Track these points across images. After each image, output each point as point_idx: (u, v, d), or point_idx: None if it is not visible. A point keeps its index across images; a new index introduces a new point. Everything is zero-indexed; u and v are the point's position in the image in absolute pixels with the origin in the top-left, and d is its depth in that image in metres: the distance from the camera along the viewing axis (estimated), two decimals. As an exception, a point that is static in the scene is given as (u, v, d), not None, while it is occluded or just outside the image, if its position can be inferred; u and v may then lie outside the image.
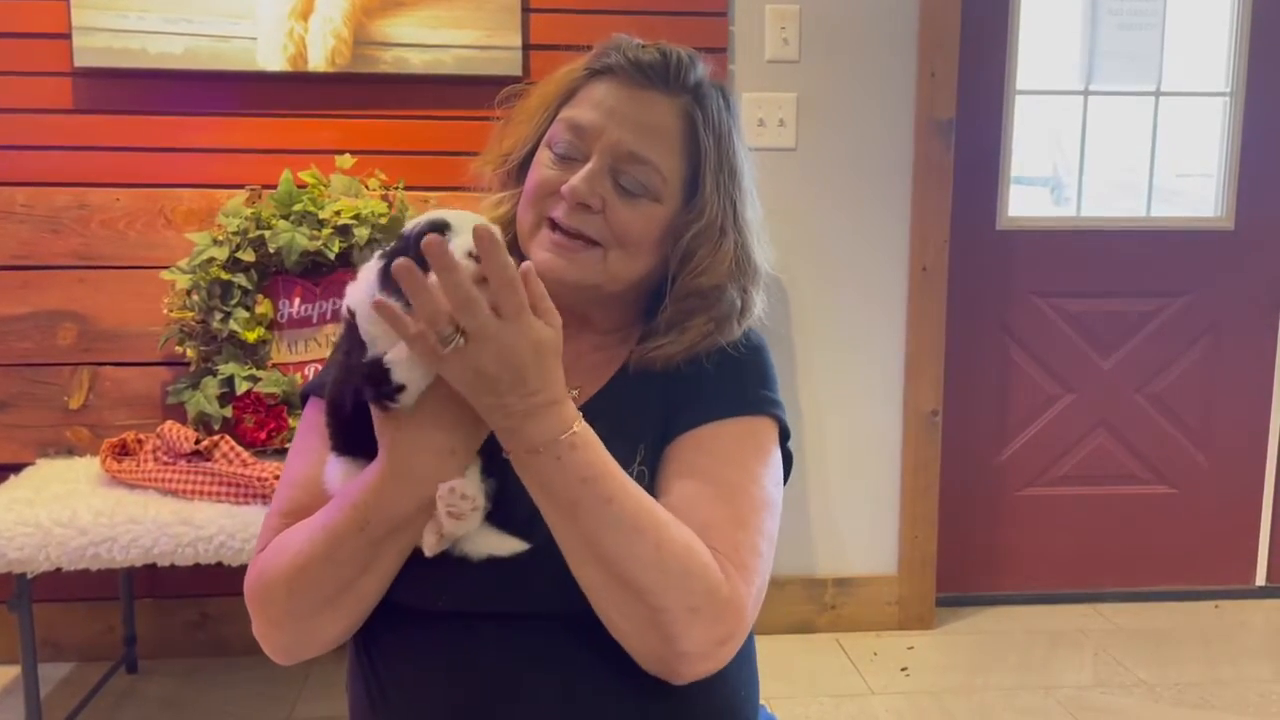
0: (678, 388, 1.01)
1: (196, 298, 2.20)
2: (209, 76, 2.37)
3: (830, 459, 2.71)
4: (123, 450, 2.14)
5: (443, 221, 0.85)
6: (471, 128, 2.33)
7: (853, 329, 2.67)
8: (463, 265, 0.80)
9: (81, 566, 1.89)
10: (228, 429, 2.18)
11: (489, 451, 0.90)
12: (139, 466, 2.07)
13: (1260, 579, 3.01)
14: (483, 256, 0.81)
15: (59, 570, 1.90)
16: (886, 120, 2.61)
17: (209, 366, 2.23)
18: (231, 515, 1.93)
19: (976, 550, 2.93)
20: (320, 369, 1.36)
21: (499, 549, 0.91)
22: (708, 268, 1.01)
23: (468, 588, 0.92)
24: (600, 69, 1.04)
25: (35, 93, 2.36)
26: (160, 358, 2.35)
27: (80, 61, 2.33)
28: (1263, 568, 3.01)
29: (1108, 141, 2.92)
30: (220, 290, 2.20)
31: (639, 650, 0.89)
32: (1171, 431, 2.95)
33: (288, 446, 1.88)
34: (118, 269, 2.37)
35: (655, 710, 0.94)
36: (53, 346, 2.38)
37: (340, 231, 2.22)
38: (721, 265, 1.02)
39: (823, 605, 2.74)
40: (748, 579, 0.91)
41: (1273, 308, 2.93)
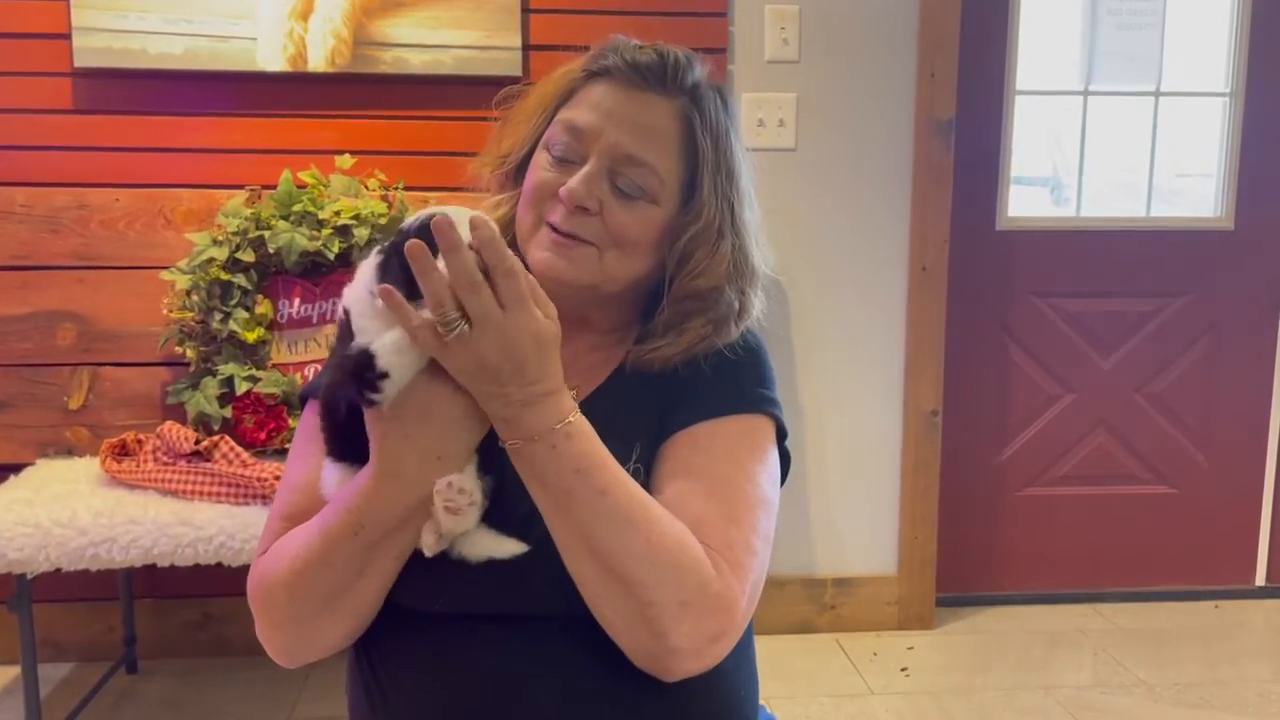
0: (674, 387, 1.00)
1: (196, 298, 2.20)
2: (209, 77, 2.37)
3: (830, 459, 2.71)
4: (122, 451, 2.14)
5: (442, 215, 0.85)
6: (471, 128, 2.31)
7: (852, 329, 2.67)
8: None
9: (81, 567, 1.90)
10: (227, 429, 2.18)
11: (485, 448, 0.90)
12: (139, 467, 2.07)
13: (1260, 579, 3.01)
14: (481, 247, 0.81)
15: (59, 570, 1.90)
16: (886, 120, 2.61)
17: (209, 367, 2.23)
18: (231, 516, 1.93)
19: (976, 550, 2.93)
20: (320, 370, 1.37)
21: (497, 551, 0.91)
22: (705, 270, 1.01)
23: (466, 589, 0.92)
24: (598, 70, 1.04)
25: (35, 93, 2.36)
26: (160, 358, 2.35)
27: (80, 62, 2.33)
28: (1262, 568, 3.01)
29: (1107, 141, 2.91)
30: (220, 290, 2.21)
31: (630, 646, 0.89)
32: (1171, 431, 2.95)
33: (287, 447, 1.89)
34: (117, 269, 2.37)
35: (654, 711, 0.94)
36: (52, 347, 2.38)
37: (340, 232, 2.22)
38: (719, 267, 1.02)
39: (822, 605, 2.74)
40: (741, 576, 0.91)
41: (1273, 308, 2.93)
